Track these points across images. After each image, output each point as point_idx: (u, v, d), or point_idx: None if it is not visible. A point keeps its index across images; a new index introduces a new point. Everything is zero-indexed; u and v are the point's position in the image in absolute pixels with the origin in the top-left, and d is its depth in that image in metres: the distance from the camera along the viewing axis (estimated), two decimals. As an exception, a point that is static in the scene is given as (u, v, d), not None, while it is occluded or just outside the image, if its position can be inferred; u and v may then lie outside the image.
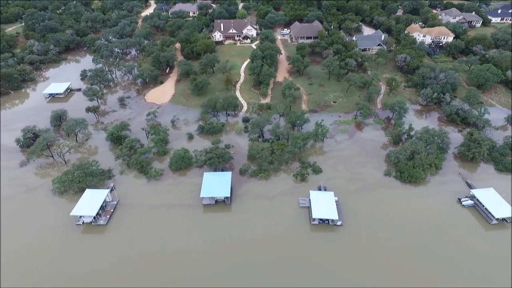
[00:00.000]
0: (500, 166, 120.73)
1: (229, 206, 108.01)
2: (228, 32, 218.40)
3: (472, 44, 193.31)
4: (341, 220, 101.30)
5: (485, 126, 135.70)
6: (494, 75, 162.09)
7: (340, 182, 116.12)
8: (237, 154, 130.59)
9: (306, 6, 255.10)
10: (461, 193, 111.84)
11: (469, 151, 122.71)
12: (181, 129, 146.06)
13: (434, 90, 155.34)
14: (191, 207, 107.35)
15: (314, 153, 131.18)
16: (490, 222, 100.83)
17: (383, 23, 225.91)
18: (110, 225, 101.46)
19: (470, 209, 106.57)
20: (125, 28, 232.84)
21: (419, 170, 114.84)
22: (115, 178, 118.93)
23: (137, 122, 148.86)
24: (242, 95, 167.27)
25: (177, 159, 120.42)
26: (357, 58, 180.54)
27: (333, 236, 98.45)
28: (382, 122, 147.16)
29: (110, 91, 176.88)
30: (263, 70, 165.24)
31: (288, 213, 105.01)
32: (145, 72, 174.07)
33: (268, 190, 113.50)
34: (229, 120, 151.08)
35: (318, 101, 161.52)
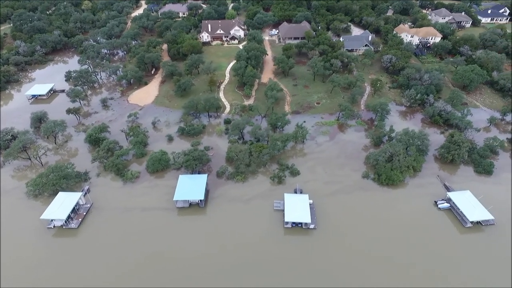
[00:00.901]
0: (479, 168, 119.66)
1: (203, 209, 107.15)
2: (216, 32, 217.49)
3: (459, 44, 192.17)
4: (314, 223, 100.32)
5: (467, 127, 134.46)
6: (479, 76, 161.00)
7: (317, 185, 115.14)
8: (216, 156, 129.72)
9: (296, 6, 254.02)
10: (438, 195, 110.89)
11: (448, 153, 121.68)
12: (162, 130, 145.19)
13: (417, 91, 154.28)
14: (165, 210, 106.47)
15: (293, 155, 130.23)
16: (465, 225, 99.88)
17: (372, 24, 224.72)
18: (81, 229, 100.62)
19: (446, 212, 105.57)
20: (113, 29, 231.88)
21: (396, 173, 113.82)
22: (90, 180, 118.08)
23: (119, 123, 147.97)
24: (226, 96, 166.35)
25: (154, 161, 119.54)
26: (343, 59, 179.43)
27: (306, 240, 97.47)
28: (364, 124, 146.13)
29: (94, 92, 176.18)
30: (247, 71, 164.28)
31: (262, 216, 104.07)
32: (129, 73, 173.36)
33: (244, 192, 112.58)
34: (211, 122, 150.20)
35: (302, 102, 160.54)
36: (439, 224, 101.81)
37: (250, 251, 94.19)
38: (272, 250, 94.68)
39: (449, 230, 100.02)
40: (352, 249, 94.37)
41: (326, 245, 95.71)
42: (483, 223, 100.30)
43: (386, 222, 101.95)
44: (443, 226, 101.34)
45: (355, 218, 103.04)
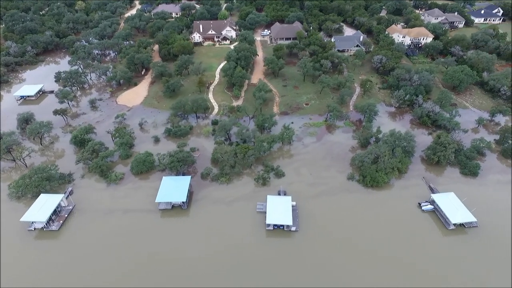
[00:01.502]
0: (465, 169, 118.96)
1: (185, 211, 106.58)
2: (207, 33, 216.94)
3: (451, 45, 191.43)
4: (296, 225, 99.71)
5: (454, 128, 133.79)
6: (469, 76, 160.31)
7: (301, 187, 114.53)
8: (202, 157, 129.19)
9: (289, 6, 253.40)
10: (423, 197, 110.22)
11: (434, 154, 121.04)
12: (149, 132, 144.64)
13: (406, 92, 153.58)
14: (147, 212, 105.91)
15: (280, 156, 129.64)
16: (448, 228, 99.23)
17: (364, 24, 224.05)
18: (62, 231, 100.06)
19: (430, 214, 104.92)
20: (106, 29, 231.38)
21: (381, 174, 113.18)
22: (74, 182, 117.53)
23: (106, 125, 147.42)
24: (215, 97, 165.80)
25: (138, 163, 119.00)
26: (333, 59, 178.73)
27: (287, 242, 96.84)
28: (352, 125, 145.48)
29: (84, 93, 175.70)
30: (236, 71, 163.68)
31: (245, 218, 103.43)
32: (118, 74, 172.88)
33: (228, 194, 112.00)
34: (199, 123, 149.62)
35: (291, 103, 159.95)
36: (422, 226, 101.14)
37: (231, 253, 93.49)
38: (253, 252, 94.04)
39: (432, 233, 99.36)
40: (332, 251, 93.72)
41: (307, 247, 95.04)
42: (466, 225, 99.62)
43: (368, 224, 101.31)
44: (426, 228, 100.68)
45: (338, 220, 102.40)
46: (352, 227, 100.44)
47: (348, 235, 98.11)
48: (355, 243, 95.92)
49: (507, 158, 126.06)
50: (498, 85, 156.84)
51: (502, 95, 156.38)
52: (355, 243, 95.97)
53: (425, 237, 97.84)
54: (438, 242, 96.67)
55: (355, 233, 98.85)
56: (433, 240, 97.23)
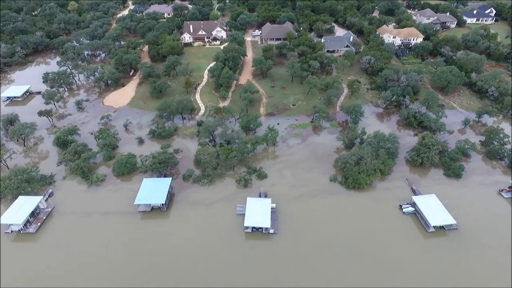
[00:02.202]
0: (449, 171, 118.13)
1: (165, 213, 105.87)
2: (198, 33, 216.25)
3: (440, 45, 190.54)
4: (275, 228, 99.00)
5: (440, 129, 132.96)
6: (457, 77, 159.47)
7: (283, 188, 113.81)
8: (186, 159, 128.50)
9: (281, 7, 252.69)
10: (405, 199, 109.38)
11: (418, 156, 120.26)
12: (135, 133, 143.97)
13: (393, 92, 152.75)
14: (126, 214, 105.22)
15: (264, 157, 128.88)
16: (428, 230, 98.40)
17: (355, 24, 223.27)
18: (39, 233, 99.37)
19: (411, 216, 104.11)
20: (97, 30, 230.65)
21: (363, 176, 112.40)
22: (55, 184, 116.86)
23: (91, 126, 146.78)
24: (202, 98, 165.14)
25: (120, 164, 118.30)
26: (322, 60, 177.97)
27: (265, 245, 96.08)
28: (338, 126, 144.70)
29: (72, 94, 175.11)
30: (223, 72, 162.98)
31: (224, 220, 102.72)
32: (105, 75, 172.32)
33: (208, 196, 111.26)
34: (185, 124, 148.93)
35: (277, 104, 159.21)
36: (403, 229, 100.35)
37: (208, 256, 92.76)
38: (230, 255, 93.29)
39: (412, 235, 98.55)
40: (310, 254, 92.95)
41: (285, 250, 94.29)
42: (446, 228, 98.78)
43: (348, 226, 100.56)
44: (406, 230, 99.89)
45: (318, 222, 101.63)
46: (331, 229, 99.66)
47: (327, 238, 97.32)
48: (333, 246, 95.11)
49: (491, 159, 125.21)
50: (486, 86, 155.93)
51: (490, 96, 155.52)
52: (333, 245, 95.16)
53: (405, 240, 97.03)
54: (417, 244, 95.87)
55: (334, 235, 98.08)
56: (412, 242, 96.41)
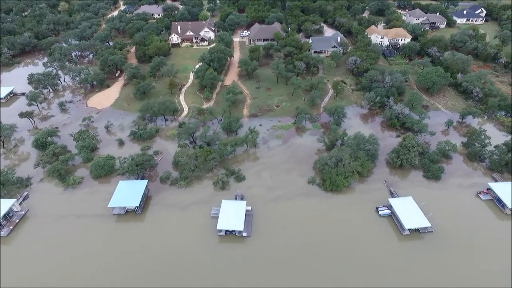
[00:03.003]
0: (428, 173, 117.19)
1: (139, 216, 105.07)
2: (186, 34, 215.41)
3: (428, 46, 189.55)
4: (248, 231, 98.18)
5: (421, 131, 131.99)
6: (442, 78, 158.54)
7: (260, 190, 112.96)
8: (165, 160, 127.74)
9: (271, 7, 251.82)
10: (383, 202, 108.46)
11: (398, 158, 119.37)
12: (116, 134, 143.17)
13: (377, 93, 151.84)
14: (100, 217, 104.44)
15: (244, 159, 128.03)
16: (402, 233, 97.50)
17: (343, 25, 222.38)
18: (11, 236, 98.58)
19: (387, 219, 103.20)
20: (85, 30, 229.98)
21: (341, 178, 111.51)
22: (31, 186, 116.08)
23: (73, 127, 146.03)
24: (186, 99, 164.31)
25: (97, 166, 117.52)
26: (308, 60, 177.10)
27: (237, 248, 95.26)
28: (321, 127, 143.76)
29: (57, 95, 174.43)
30: (207, 73, 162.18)
31: (199, 223, 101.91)
32: (90, 76, 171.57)
33: (184, 198, 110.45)
34: (168, 125, 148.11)
35: (261, 105, 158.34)
36: (378, 232, 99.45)
37: (180, 260, 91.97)
38: (202, 258, 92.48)
39: (387, 238, 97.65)
40: (283, 257, 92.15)
41: (257, 253, 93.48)
42: (421, 231, 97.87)
43: (323, 229, 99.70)
44: (382, 233, 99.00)
45: (293, 225, 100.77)
46: (305, 232, 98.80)
47: (301, 241, 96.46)
48: (307, 249, 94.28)
49: (472, 161, 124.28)
50: (471, 86, 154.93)
51: (475, 97, 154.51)
52: (307, 248, 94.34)
53: (379, 243, 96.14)
54: (391, 247, 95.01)
55: (308, 238, 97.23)
56: (387, 245, 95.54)
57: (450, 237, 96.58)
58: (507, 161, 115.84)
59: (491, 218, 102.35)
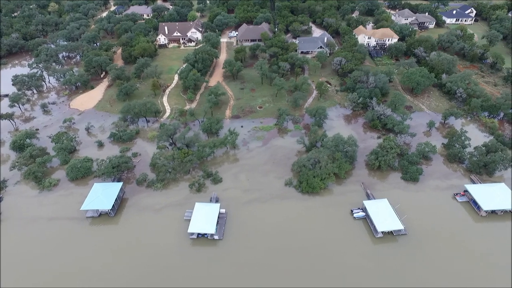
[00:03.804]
0: (406, 175, 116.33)
1: (112, 218, 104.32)
2: (173, 35, 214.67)
3: (414, 46, 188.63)
4: (221, 234, 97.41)
5: (402, 132, 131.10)
6: (426, 78, 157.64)
7: (236, 193, 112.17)
8: (143, 162, 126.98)
9: (260, 7, 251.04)
10: (358, 204, 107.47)
11: (376, 159, 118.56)
12: (97, 136, 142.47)
13: (360, 94, 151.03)
14: (73, 219, 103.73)
15: (223, 161, 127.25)
16: (376, 236, 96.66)
17: (332, 25, 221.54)
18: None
19: (362, 221, 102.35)
20: (73, 31, 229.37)
21: (317, 180, 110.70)
22: (6, 189, 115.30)
23: (53, 129, 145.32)
24: (169, 100, 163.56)
25: (73, 168, 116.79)
26: (293, 61, 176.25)
27: (209, 251, 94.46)
28: (302, 128, 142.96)
29: (41, 97, 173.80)
30: (190, 74, 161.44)
31: (172, 226, 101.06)
32: (73, 77, 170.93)
33: (160, 201, 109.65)
34: (150, 127, 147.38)
35: (244, 106, 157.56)
36: (351, 234, 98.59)
37: (150, 263, 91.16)
38: (173, 262, 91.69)
39: (360, 240, 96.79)
40: (252, 261, 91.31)
41: (228, 256, 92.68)
42: (395, 233, 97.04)
43: (296, 232, 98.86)
44: (355, 236, 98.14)
45: (266, 228, 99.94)
46: (278, 235, 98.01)
47: (273, 244, 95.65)
48: (279, 251, 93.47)
49: (452, 162, 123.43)
50: (455, 87, 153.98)
51: (458, 98, 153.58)
52: (278, 251, 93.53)
53: (353, 245, 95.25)
54: (364, 250, 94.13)
55: (281, 241, 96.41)
56: (360, 248, 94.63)
57: (423, 239, 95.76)
58: (485, 162, 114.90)
59: (466, 220, 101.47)
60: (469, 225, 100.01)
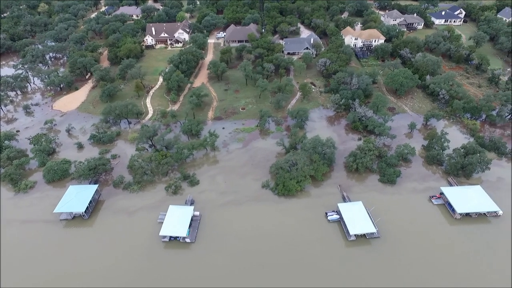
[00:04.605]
0: (383, 177, 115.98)
1: (86, 221, 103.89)
2: (160, 36, 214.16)
3: (400, 47, 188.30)
4: (193, 236, 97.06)
5: (382, 134, 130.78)
6: (410, 80, 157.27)
7: (211, 195, 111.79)
8: (122, 165, 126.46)
9: (249, 8, 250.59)
10: (333, 206, 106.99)
11: (354, 161, 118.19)
12: (78, 138, 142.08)
13: (343, 96, 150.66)
14: (46, 222, 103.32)
15: (202, 163, 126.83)
16: (348, 239, 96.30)
17: (319, 26, 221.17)
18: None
19: (336, 224, 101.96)
20: (61, 32, 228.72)
21: (293, 182, 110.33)
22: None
23: (34, 130, 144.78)
24: (153, 102, 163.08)
25: (49, 171, 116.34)
26: (278, 62, 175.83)
27: (179, 254, 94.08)
28: (283, 130, 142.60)
29: (25, 98, 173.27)
30: (173, 75, 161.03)
31: (145, 229, 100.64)
32: (57, 78, 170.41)
33: (135, 203, 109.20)
34: (133, 128, 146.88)
35: (227, 108, 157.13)
36: (324, 237, 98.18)
37: (121, 266, 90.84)
38: (144, 265, 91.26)
39: (333, 244, 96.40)
40: (223, 264, 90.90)
41: (199, 260, 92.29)
42: (368, 236, 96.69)
43: (269, 234, 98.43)
44: (328, 239, 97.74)
45: (239, 231, 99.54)
46: (251, 237, 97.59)
47: (245, 247, 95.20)
48: (249, 255, 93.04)
49: (431, 164, 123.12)
50: (438, 88, 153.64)
51: (441, 99, 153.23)
52: (250, 254, 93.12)
53: (325, 249, 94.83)
54: (336, 253, 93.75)
55: (254, 244, 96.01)
56: (332, 251, 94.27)
57: (396, 242, 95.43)
58: (462, 164, 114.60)
59: (440, 223, 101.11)
60: (442, 228, 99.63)
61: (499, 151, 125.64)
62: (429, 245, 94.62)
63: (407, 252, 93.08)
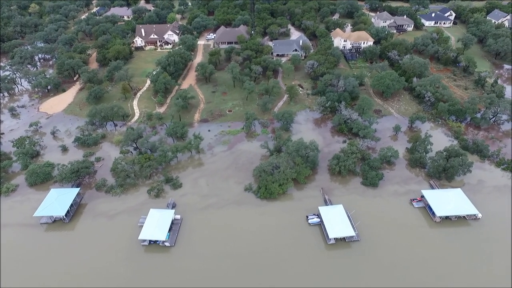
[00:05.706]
0: (366, 180, 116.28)
1: (67, 225, 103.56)
2: (149, 37, 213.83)
3: (388, 49, 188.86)
4: (173, 240, 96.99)
5: (366, 136, 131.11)
6: (396, 82, 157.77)
7: (193, 198, 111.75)
8: (106, 167, 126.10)
9: (240, 9, 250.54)
10: (315, 210, 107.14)
11: (337, 164, 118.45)
12: (64, 140, 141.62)
13: (329, 98, 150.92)
14: (26, 226, 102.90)
15: (186, 166, 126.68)
16: (328, 242, 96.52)
17: (309, 27, 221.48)
18: None
19: (317, 227, 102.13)
20: (51, 33, 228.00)
21: (275, 185, 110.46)
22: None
23: (19, 133, 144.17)
24: (139, 104, 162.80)
25: (31, 174, 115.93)
26: (266, 64, 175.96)
27: (159, 258, 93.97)
28: (269, 133, 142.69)
29: (12, 100, 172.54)
30: (159, 78, 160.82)
31: (125, 232, 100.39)
32: (44, 80, 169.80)
33: (116, 207, 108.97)
34: (119, 130, 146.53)
35: (214, 110, 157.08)
36: (305, 241, 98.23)
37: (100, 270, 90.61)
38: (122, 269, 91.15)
39: (312, 247, 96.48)
40: (202, 268, 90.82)
41: (179, 263, 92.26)
42: (347, 239, 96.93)
43: (250, 238, 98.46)
44: (308, 242, 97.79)
45: (219, 234, 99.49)
46: (231, 241, 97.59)
47: (225, 250, 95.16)
48: (231, 258, 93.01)
49: (414, 167, 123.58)
50: (423, 91, 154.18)
51: (427, 102, 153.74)
52: (229, 258, 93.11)
53: (304, 252, 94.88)
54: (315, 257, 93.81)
55: (234, 247, 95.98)
56: (311, 255, 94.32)
57: (376, 245, 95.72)
58: (444, 167, 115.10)
59: (420, 226, 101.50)
60: (422, 231, 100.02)
61: (481, 154, 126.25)
62: (408, 248, 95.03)
63: (386, 255, 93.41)
